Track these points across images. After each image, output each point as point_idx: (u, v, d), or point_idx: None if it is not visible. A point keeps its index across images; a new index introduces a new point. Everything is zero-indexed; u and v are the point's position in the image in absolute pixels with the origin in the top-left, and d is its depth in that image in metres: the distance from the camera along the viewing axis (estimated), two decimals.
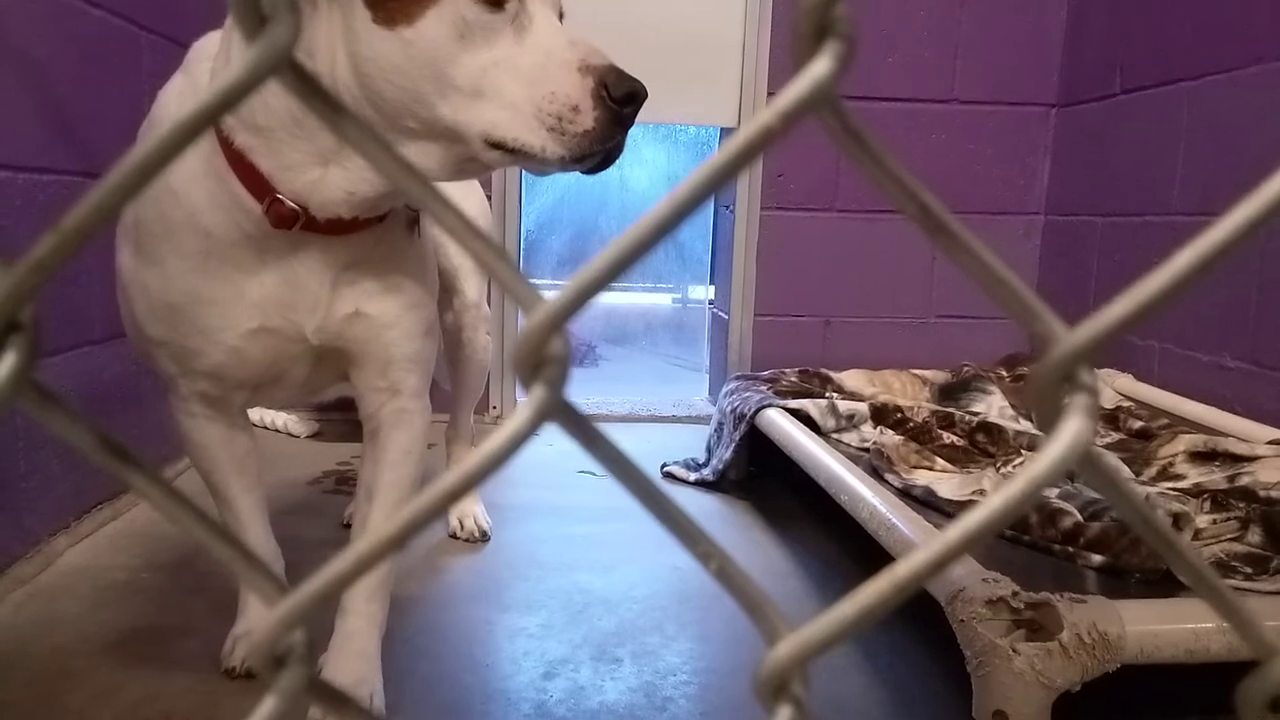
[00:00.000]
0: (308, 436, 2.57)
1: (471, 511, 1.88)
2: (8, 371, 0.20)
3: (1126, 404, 2.18)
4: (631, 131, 0.99)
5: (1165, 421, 2.02)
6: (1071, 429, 0.21)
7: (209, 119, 0.20)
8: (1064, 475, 0.25)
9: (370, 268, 1.12)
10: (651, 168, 4.57)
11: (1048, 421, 0.22)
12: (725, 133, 2.86)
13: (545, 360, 0.22)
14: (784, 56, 2.68)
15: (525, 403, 0.22)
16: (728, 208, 2.85)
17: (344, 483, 2.15)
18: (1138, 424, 2.02)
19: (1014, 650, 1.06)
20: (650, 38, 2.64)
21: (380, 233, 1.11)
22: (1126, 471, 1.69)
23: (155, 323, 1.09)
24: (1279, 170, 0.21)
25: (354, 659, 1.19)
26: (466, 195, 1.66)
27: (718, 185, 0.21)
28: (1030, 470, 0.21)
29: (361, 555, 0.21)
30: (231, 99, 0.20)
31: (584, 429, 0.23)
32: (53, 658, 1.31)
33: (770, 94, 2.71)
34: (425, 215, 1.19)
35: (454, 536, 1.85)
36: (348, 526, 1.87)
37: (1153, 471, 1.73)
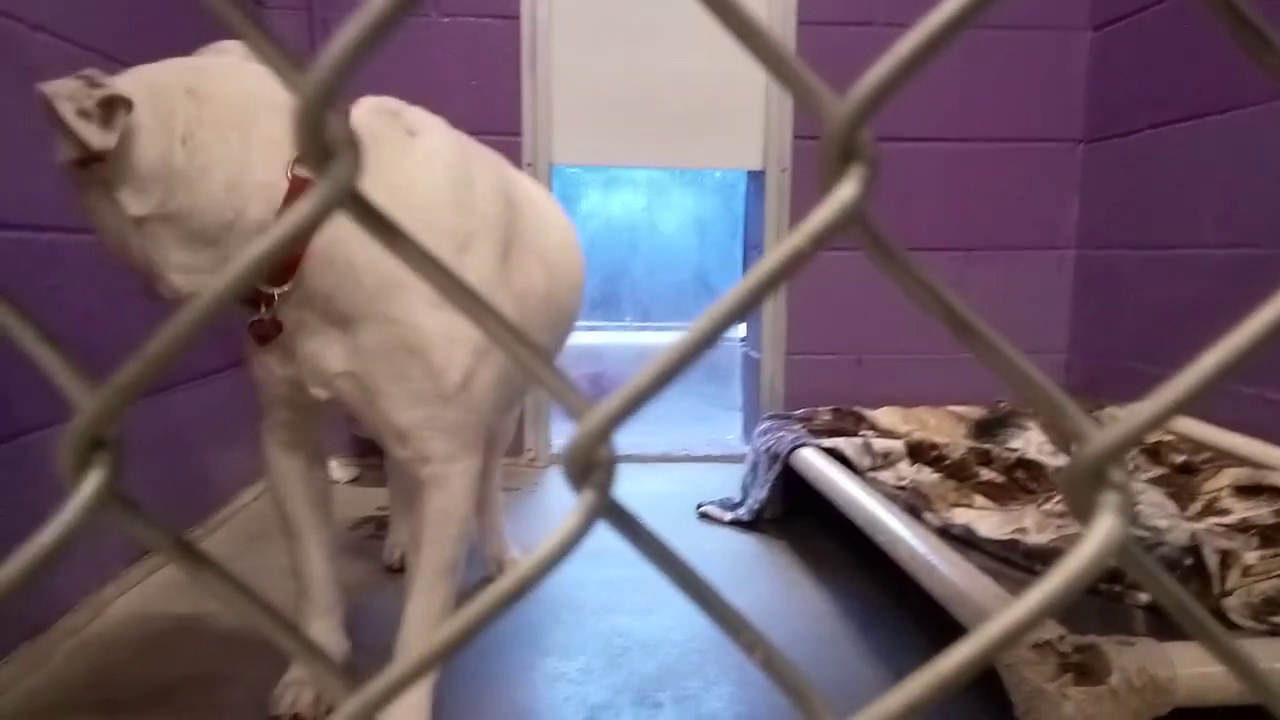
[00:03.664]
0: (347, 481, 2.60)
1: (510, 555, 1.89)
2: (94, 488, 0.22)
3: (1167, 438, 2.15)
4: (661, 176, 1.01)
5: (1208, 455, 1.99)
6: (1104, 528, 0.22)
7: (283, 248, 0.21)
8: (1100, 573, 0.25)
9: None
10: (680, 211, 4.62)
11: (1081, 515, 0.23)
12: (752, 176, 2.88)
13: (594, 465, 0.23)
14: None
15: (576, 508, 0.23)
16: (757, 249, 2.86)
17: (384, 528, 2.17)
18: (1180, 458, 1.99)
19: (1063, 695, 1.05)
20: (679, 87, 2.69)
21: None
22: (1172, 507, 1.67)
23: None
24: None
25: (408, 711, 1.19)
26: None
27: (752, 305, 0.22)
28: (1066, 569, 0.22)
29: (418, 660, 0.22)
30: (302, 234, 0.21)
31: (633, 529, 0.24)
32: (103, 709, 1.33)
33: (795, 138, 2.73)
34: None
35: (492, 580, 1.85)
36: (389, 569, 1.89)
37: (1198, 506, 1.70)
